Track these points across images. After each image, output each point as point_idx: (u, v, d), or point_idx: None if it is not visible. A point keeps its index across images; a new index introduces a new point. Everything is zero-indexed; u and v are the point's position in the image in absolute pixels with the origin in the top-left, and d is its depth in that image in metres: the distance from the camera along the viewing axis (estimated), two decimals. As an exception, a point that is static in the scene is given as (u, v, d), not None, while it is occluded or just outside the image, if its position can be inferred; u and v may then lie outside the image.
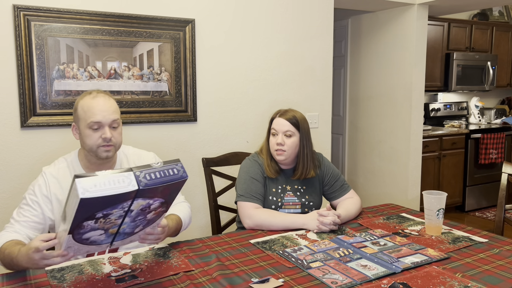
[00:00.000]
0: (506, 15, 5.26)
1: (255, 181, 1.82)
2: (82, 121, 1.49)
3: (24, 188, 2.32)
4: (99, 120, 1.47)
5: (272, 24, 2.98)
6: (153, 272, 1.32)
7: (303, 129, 1.85)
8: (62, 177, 1.54)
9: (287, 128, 1.83)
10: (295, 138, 1.83)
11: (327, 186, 1.95)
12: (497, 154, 4.51)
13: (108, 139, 1.48)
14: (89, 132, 1.48)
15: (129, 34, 2.51)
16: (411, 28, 3.69)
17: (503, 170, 2.07)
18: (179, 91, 2.69)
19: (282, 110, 1.90)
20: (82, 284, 1.23)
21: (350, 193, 1.96)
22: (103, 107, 1.48)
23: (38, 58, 2.30)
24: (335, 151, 4.59)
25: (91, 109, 1.47)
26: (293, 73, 3.10)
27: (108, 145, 1.50)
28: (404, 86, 3.78)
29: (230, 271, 1.33)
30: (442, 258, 1.40)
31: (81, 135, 1.51)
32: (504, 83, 5.09)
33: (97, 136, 1.48)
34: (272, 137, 1.86)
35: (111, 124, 1.50)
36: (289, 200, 1.87)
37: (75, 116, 1.52)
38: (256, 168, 1.86)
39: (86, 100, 1.49)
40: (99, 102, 1.48)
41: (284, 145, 1.82)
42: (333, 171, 1.97)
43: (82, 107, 1.49)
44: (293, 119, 1.84)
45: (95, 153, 1.51)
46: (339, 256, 1.42)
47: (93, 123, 1.47)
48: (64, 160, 1.58)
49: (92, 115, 1.47)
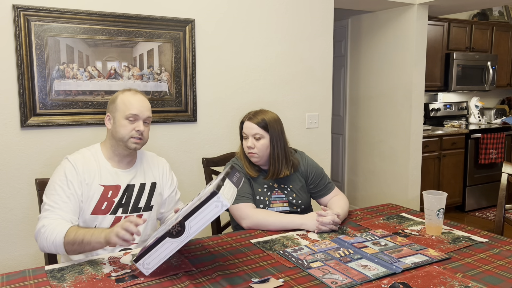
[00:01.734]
0: (506, 15, 5.26)
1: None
2: (120, 112, 1.60)
3: (24, 188, 2.32)
4: (136, 113, 1.59)
5: (272, 24, 2.98)
6: (153, 272, 1.32)
7: (272, 130, 1.84)
8: (88, 163, 1.61)
9: (255, 131, 1.83)
10: (264, 140, 1.83)
11: (312, 185, 1.95)
12: (497, 154, 4.51)
13: (141, 132, 1.60)
14: (125, 123, 1.59)
15: (129, 34, 2.51)
16: (411, 28, 3.69)
17: (503, 170, 2.07)
18: (179, 91, 2.69)
19: (252, 112, 1.89)
20: (82, 284, 1.23)
21: (335, 191, 1.97)
22: (141, 103, 1.62)
23: (38, 58, 2.30)
24: (335, 151, 4.59)
25: (131, 103, 1.60)
26: (293, 73, 3.09)
27: (139, 138, 1.61)
28: (404, 86, 3.78)
29: (230, 271, 1.33)
30: (443, 259, 1.40)
31: (115, 125, 1.61)
32: (504, 83, 5.09)
33: (132, 127, 1.59)
34: (244, 140, 1.88)
35: (145, 120, 1.62)
36: (276, 198, 1.87)
37: (112, 107, 1.63)
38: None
39: (127, 95, 1.62)
40: (139, 99, 1.62)
41: (254, 148, 1.83)
42: (317, 170, 1.97)
43: (123, 99, 1.61)
44: (262, 122, 1.83)
45: (125, 143, 1.61)
46: (340, 256, 1.42)
47: (131, 115, 1.58)
48: (87, 150, 1.66)
49: (131, 108, 1.59)
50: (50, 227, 1.45)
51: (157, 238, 1.28)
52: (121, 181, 1.63)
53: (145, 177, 1.70)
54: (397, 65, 3.83)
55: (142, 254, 1.28)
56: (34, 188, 1.81)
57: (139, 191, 1.67)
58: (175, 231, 1.25)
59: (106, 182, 1.61)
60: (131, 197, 1.65)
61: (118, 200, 1.62)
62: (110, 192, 1.61)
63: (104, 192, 1.60)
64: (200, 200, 1.23)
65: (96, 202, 1.58)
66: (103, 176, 1.61)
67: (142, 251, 1.30)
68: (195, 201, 1.30)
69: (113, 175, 1.63)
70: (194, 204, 1.25)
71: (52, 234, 1.43)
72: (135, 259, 1.30)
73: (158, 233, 1.34)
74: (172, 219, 1.42)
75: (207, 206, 1.21)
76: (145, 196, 1.68)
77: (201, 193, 1.41)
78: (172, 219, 1.42)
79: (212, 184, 1.35)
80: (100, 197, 1.59)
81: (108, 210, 1.60)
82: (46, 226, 1.45)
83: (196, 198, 1.38)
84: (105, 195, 1.60)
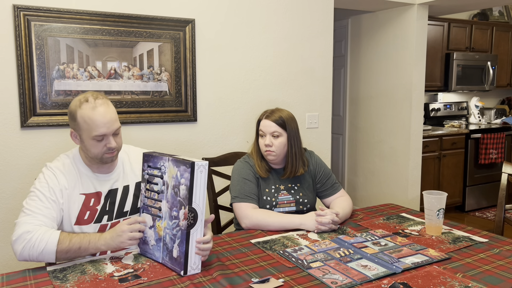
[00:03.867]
0: (506, 15, 5.26)
1: (248, 182, 1.83)
2: (85, 132, 1.46)
3: (24, 188, 2.32)
4: (103, 133, 1.45)
5: (272, 24, 2.98)
6: (156, 271, 1.32)
7: (290, 128, 1.86)
8: (68, 172, 1.52)
9: (274, 129, 1.84)
10: (282, 138, 1.84)
11: (319, 184, 1.96)
12: (497, 154, 4.51)
13: (112, 148, 1.49)
14: (93, 143, 1.47)
15: (129, 34, 2.51)
16: (411, 28, 3.69)
17: (503, 170, 2.07)
18: (179, 91, 2.69)
19: (269, 110, 1.91)
20: (85, 284, 1.24)
21: (341, 191, 1.97)
22: (105, 118, 1.45)
23: (38, 58, 2.29)
24: (335, 151, 4.59)
25: (94, 122, 1.44)
26: (293, 73, 3.10)
27: (112, 152, 1.50)
28: (404, 86, 3.78)
29: (231, 271, 1.33)
30: (443, 259, 1.40)
31: (83, 144, 1.50)
32: (504, 83, 5.09)
33: (102, 145, 1.47)
34: (261, 138, 1.88)
35: (115, 133, 1.50)
36: (284, 198, 1.88)
37: (75, 125, 1.48)
38: (248, 169, 1.87)
39: (86, 111, 1.44)
40: (101, 113, 1.44)
41: (272, 146, 1.83)
42: (325, 169, 1.98)
43: (83, 118, 1.45)
44: (279, 120, 1.85)
45: (100, 160, 1.51)
46: (340, 256, 1.42)
47: (98, 136, 1.45)
48: (66, 157, 1.56)
49: (96, 128, 1.44)
50: (37, 234, 1.36)
51: (180, 240, 1.31)
52: (102, 187, 1.55)
53: (128, 178, 1.61)
54: (397, 65, 3.83)
55: (185, 263, 1.30)
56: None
57: (122, 194, 1.59)
58: (191, 220, 1.30)
59: (87, 190, 1.53)
60: (115, 203, 1.57)
61: (101, 207, 1.54)
62: (92, 200, 1.53)
63: (86, 201, 1.52)
64: (186, 181, 1.30)
65: (78, 212, 1.50)
66: (84, 184, 1.53)
67: (175, 263, 1.32)
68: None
69: (94, 181, 1.54)
70: (177, 191, 1.33)
71: (42, 242, 1.34)
72: (183, 272, 1.30)
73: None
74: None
75: (196, 178, 1.29)
76: (130, 198, 1.60)
77: (141, 197, 1.49)
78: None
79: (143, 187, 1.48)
80: (82, 206, 1.51)
81: (91, 219, 1.52)
82: (32, 233, 1.36)
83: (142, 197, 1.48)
84: (86, 204, 1.52)
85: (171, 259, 1.34)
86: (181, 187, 1.31)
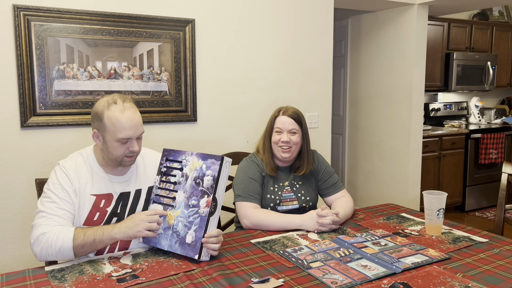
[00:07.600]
0: (506, 15, 5.26)
1: (253, 181, 1.83)
2: (110, 133, 1.47)
3: (24, 188, 2.32)
4: (129, 136, 1.47)
5: (272, 24, 2.98)
6: (154, 271, 1.32)
7: (304, 126, 1.90)
8: (80, 171, 1.51)
9: (292, 126, 1.86)
10: (298, 135, 1.87)
11: (321, 181, 1.97)
12: (497, 154, 4.51)
13: (135, 151, 1.51)
14: (116, 145, 1.48)
15: (129, 34, 2.51)
16: (411, 28, 3.69)
17: (503, 170, 2.07)
18: (179, 91, 2.69)
19: (283, 107, 1.93)
20: (83, 285, 1.24)
21: (343, 191, 1.97)
22: (132, 122, 1.47)
23: (38, 58, 2.29)
24: (335, 151, 4.59)
25: (122, 124, 1.45)
26: (293, 73, 3.10)
27: (132, 155, 1.52)
28: (404, 86, 3.78)
29: (230, 271, 1.33)
30: (443, 259, 1.40)
31: (106, 145, 1.49)
32: (504, 83, 5.08)
33: (125, 148, 1.49)
34: (277, 135, 1.87)
35: (138, 137, 1.52)
36: (287, 196, 1.88)
37: (100, 126, 1.48)
38: (254, 168, 1.87)
39: (115, 113, 1.45)
40: (129, 116, 1.46)
41: (290, 142, 1.84)
42: (327, 168, 1.99)
43: (111, 119, 1.45)
44: (297, 117, 1.87)
45: (119, 162, 1.52)
46: (340, 256, 1.42)
47: (123, 139, 1.47)
48: (80, 155, 1.56)
49: (122, 130, 1.45)
50: (52, 233, 1.37)
51: (199, 226, 1.40)
52: (114, 189, 1.55)
53: (141, 182, 1.60)
54: (397, 65, 3.83)
55: (200, 248, 1.38)
56: (34, 188, 1.81)
57: (134, 198, 1.58)
58: (212, 208, 1.41)
59: (98, 191, 1.52)
60: (126, 206, 1.56)
61: (111, 209, 1.53)
62: (103, 201, 1.52)
63: (96, 202, 1.51)
64: (213, 172, 1.43)
65: (88, 213, 1.50)
66: (95, 184, 1.52)
67: (188, 248, 1.39)
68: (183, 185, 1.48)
69: (106, 182, 1.54)
70: (200, 182, 1.45)
71: (58, 240, 1.36)
72: (198, 256, 1.38)
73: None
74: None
75: (222, 171, 1.43)
76: (142, 202, 1.59)
77: (154, 188, 1.55)
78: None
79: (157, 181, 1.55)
80: (92, 207, 1.50)
81: (101, 220, 1.52)
82: (47, 234, 1.37)
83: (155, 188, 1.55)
84: (97, 205, 1.51)
85: (182, 245, 1.41)
86: (206, 178, 1.43)
